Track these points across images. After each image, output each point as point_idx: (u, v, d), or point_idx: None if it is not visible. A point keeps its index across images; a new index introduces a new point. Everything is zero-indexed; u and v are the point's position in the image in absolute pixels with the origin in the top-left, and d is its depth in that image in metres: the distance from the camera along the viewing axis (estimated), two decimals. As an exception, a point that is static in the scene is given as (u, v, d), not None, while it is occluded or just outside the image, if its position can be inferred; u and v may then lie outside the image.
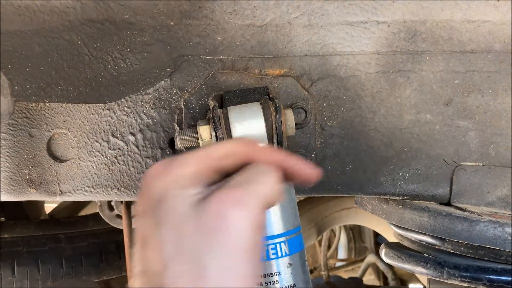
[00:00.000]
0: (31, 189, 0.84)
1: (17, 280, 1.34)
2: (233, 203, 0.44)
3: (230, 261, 0.43)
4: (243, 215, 0.44)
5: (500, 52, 0.78)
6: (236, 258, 0.43)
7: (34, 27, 0.73)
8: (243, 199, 0.45)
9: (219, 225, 0.43)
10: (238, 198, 0.45)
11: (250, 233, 0.44)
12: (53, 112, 0.82)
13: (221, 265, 0.42)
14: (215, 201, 0.45)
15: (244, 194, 0.46)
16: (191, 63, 0.78)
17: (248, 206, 0.45)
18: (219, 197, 0.45)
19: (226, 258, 0.43)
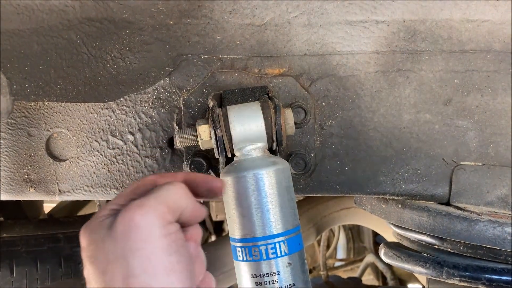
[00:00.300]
0: (30, 189, 0.84)
1: (15, 280, 1.34)
2: (136, 207, 0.52)
3: (147, 251, 0.50)
4: (146, 214, 0.52)
5: (499, 52, 0.78)
6: (152, 247, 0.51)
7: (33, 26, 0.73)
8: (145, 203, 0.53)
9: (129, 228, 0.51)
10: (140, 203, 0.53)
11: (157, 228, 0.52)
12: (52, 111, 0.82)
13: (141, 258, 0.50)
14: (122, 212, 0.53)
15: (146, 199, 0.54)
16: (190, 62, 0.78)
17: (150, 207, 0.52)
18: (125, 208, 0.53)
19: (144, 251, 0.50)
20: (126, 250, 0.50)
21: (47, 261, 1.38)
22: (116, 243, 0.51)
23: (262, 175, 0.64)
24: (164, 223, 0.53)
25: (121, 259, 0.50)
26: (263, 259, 0.64)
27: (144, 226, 0.51)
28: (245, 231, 0.65)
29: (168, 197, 0.55)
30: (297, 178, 0.80)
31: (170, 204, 0.55)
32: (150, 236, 0.51)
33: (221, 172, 0.69)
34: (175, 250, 0.52)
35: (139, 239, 0.51)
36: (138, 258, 0.50)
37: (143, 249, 0.50)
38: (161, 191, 0.56)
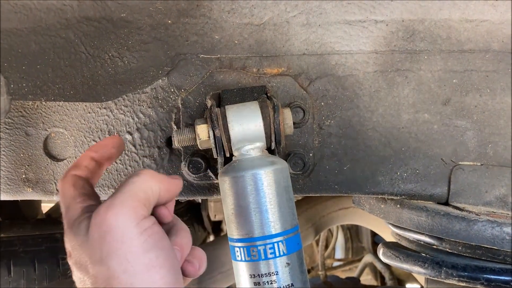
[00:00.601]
0: (28, 188, 0.83)
1: (13, 280, 1.34)
2: (105, 209, 0.52)
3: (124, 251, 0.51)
4: (117, 214, 0.52)
5: (498, 52, 0.78)
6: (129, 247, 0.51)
7: (31, 25, 0.72)
8: (114, 203, 0.53)
9: (103, 231, 0.51)
10: (109, 204, 0.53)
11: (131, 226, 0.52)
12: (49, 110, 0.82)
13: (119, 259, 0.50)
14: (93, 216, 0.53)
15: (114, 198, 0.53)
16: (188, 61, 0.78)
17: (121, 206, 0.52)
18: (96, 211, 0.53)
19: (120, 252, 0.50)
20: (104, 253, 0.51)
21: (45, 261, 1.38)
22: (94, 247, 0.52)
23: (260, 175, 0.64)
24: (137, 219, 0.53)
25: (100, 263, 0.51)
26: (262, 259, 0.64)
27: (117, 226, 0.51)
28: (244, 231, 0.65)
29: (136, 190, 0.55)
30: (295, 178, 0.80)
31: (139, 197, 0.54)
32: (124, 236, 0.51)
33: (220, 172, 0.69)
34: (152, 245, 0.52)
35: (114, 241, 0.51)
36: (116, 259, 0.51)
37: (120, 250, 0.51)
38: (128, 185, 0.55)
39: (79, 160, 0.66)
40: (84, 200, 0.60)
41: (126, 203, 0.53)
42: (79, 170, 0.64)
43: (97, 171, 0.67)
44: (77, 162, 0.66)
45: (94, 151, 0.67)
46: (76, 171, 0.64)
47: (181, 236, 0.62)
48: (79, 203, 0.59)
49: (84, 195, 0.61)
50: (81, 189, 0.61)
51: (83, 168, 0.65)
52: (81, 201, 0.59)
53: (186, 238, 0.62)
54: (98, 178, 0.68)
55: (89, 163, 0.66)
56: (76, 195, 0.60)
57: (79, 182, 0.63)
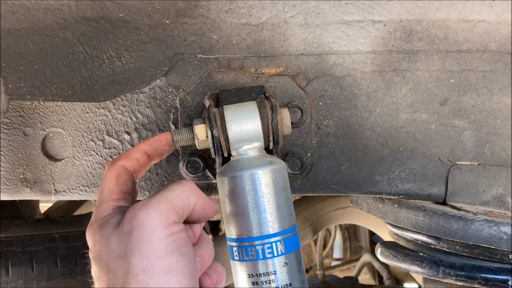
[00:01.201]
0: (26, 188, 0.83)
1: (11, 280, 1.34)
2: (140, 207, 0.54)
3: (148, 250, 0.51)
4: (149, 213, 0.53)
5: (495, 52, 0.79)
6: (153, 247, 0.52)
7: (29, 25, 0.72)
8: (150, 202, 0.54)
9: (132, 226, 0.53)
10: (145, 202, 0.55)
11: (159, 228, 0.53)
12: (47, 110, 0.82)
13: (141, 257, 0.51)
14: (128, 212, 0.55)
15: (150, 199, 0.55)
16: (186, 61, 0.78)
17: (154, 207, 0.54)
18: (131, 208, 0.55)
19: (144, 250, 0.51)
20: (128, 249, 0.52)
21: (43, 261, 1.38)
22: (120, 241, 0.53)
23: (258, 175, 0.64)
24: (167, 223, 0.54)
25: (123, 257, 0.52)
26: (260, 258, 0.64)
27: (147, 225, 0.53)
28: (242, 230, 0.65)
29: (174, 197, 0.57)
30: (293, 178, 0.80)
31: (175, 204, 0.56)
32: (151, 235, 0.52)
33: (218, 171, 0.69)
34: (175, 250, 0.53)
35: (140, 238, 0.52)
36: (138, 256, 0.51)
37: (144, 248, 0.52)
38: (167, 190, 0.57)
39: (131, 151, 0.66)
40: (118, 199, 0.61)
41: (160, 205, 0.54)
42: (128, 161, 0.65)
43: (145, 165, 0.68)
44: (129, 153, 0.66)
45: (149, 145, 0.68)
46: (125, 162, 0.64)
47: (204, 248, 0.63)
48: (112, 201, 0.60)
49: (121, 192, 0.62)
50: (122, 185, 0.62)
51: (133, 160, 0.65)
52: (115, 199, 0.60)
53: (209, 251, 0.64)
54: (143, 173, 0.69)
55: (140, 156, 0.66)
56: (114, 190, 0.61)
57: (123, 176, 0.63)
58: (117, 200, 0.61)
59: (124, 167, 0.64)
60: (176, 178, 0.81)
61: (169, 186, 0.58)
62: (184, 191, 0.58)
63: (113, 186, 0.62)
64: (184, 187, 0.59)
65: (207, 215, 0.62)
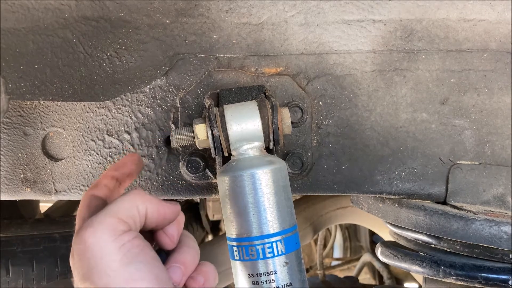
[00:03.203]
0: (26, 188, 0.83)
1: (11, 280, 1.34)
2: (86, 226, 0.54)
3: (104, 267, 0.51)
4: (95, 231, 0.53)
5: (496, 51, 0.79)
6: (107, 262, 0.51)
7: (29, 24, 0.72)
8: (94, 220, 0.54)
9: (82, 248, 0.53)
10: (89, 221, 0.55)
11: (108, 242, 0.53)
12: (47, 110, 0.82)
13: (100, 275, 0.51)
14: (75, 235, 0.55)
15: (96, 216, 0.55)
16: (187, 61, 0.78)
17: (98, 222, 0.54)
18: (78, 231, 0.55)
19: (100, 267, 0.51)
20: (85, 270, 0.52)
21: (43, 261, 1.38)
22: (78, 265, 0.53)
23: (258, 175, 0.64)
24: (115, 235, 0.53)
25: (84, 279, 0.52)
26: (260, 258, 0.64)
27: (95, 243, 0.52)
28: (242, 230, 0.65)
29: (119, 208, 0.56)
30: (294, 177, 0.80)
31: (121, 214, 0.56)
32: (102, 251, 0.52)
33: (218, 171, 0.69)
34: (132, 259, 0.53)
35: (93, 257, 0.52)
36: (97, 274, 0.51)
37: (100, 265, 0.52)
38: (113, 203, 0.57)
39: (99, 179, 0.68)
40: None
41: (104, 220, 0.54)
42: (97, 189, 0.66)
43: (117, 189, 0.68)
44: (97, 181, 0.67)
45: (115, 170, 0.69)
46: (94, 191, 0.65)
47: (185, 254, 0.62)
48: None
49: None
50: (93, 211, 0.62)
51: (102, 187, 0.66)
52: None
53: (190, 255, 0.63)
54: (116, 196, 0.68)
55: (109, 182, 0.67)
56: (86, 217, 0.61)
57: (94, 202, 0.64)
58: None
59: (94, 195, 0.65)
60: (176, 178, 0.81)
61: (116, 199, 0.58)
62: (130, 200, 0.57)
63: (85, 214, 0.62)
64: (130, 195, 0.58)
65: (165, 218, 0.61)
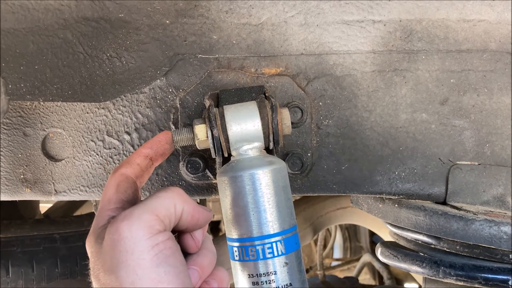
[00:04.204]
0: (26, 189, 0.83)
1: (11, 280, 1.34)
2: (122, 218, 0.53)
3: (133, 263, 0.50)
4: (131, 225, 0.52)
5: (495, 51, 0.79)
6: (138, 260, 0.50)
7: (29, 25, 0.72)
8: (132, 213, 0.53)
9: (115, 239, 0.51)
10: (127, 213, 0.53)
11: (143, 239, 0.51)
12: (47, 111, 0.82)
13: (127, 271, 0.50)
14: (110, 224, 0.53)
15: (134, 208, 0.54)
16: (186, 62, 0.78)
17: (136, 216, 0.52)
18: (113, 220, 0.54)
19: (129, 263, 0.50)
20: (114, 262, 0.51)
21: (43, 262, 1.38)
22: (107, 255, 0.52)
23: (258, 175, 0.64)
24: (151, 233, 0.52)
25: (110, 272, 0.51)
26: (260, 258, 0.64)
27: (130, 238, 0.51)
28: (242, 231, 0.65)
29: (158, 204, 0.55)
30: (293, 178, 0.80)
31: (159, 212, 0.54)
32: (135, 248, 0.51)
33: (218, 172, 0.69)
34: (163, 261, 0.52)
35: (124, 251, 0.51)
36: (125, 270, 0.50)
37: (129, 261, 0.50)
38: (152, 198, 0.55)
39: (132, 156, 0.65)
40: (116, 208, 0.59)
41: (143, 215, 0.53)
42: (130, 168, 0.63)
43: (148, 169, 0.66)
44: (129, 159, 0.65)
45: (149, 147, 0.66)
46: (127, 169, 0.63)
47: (204, 256, 0.61)
48: (109, 211, 0.59)
49: (120, 201, 0.60)
50: (121, 193, 0.60)
51: (135, 165, 0.64)
52: (113, 209, 0.59)
53: (208, 258, 0.62)
54: (147, 177, 0.67)
55: (142, 161, 0.65)
56: (112, 199, 0.60)
57: (123, 185, 0.62)
58: (114, 209, 0.59)
59: (126, 175, 0.63)
60: (176, 178, 0.81)
61: (155, 194, 0.56)
62: (170, 198, 0.56)
63: (112, 195, 0.60)
64: (170, 193, 0.56)
65: (197, 223, 0.60)
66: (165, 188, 0.58)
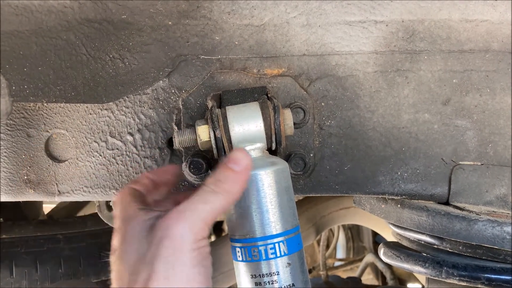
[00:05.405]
0: (29, 190, 0.84)
1: (15, 281, 1.34)
2: (176, 217, 0.56)
3: (174, 260, 0.53)
4: (183, 226, 0.55)
5: (498, 52, 0.79)
6: (179, 258, 0.54)
7: (32, 27, 0.73)
8: (184, 215, 0.56)
9: (164, 235, 0.55)
10: (180, 213, 0.56)
11: (189, 241, 0.55)
12: (51, 112, 0.82)
13: (166, 265, 0.53)
14: (162, 219, 0.57)
15: (185, 210, 0.57)
16: (189, 63, 0.78)
17: (188, 220, 0.56)
18: (166, 215, 0.57)
19: (170, 259, 0.53)
20: (155, 254, 0.54)
21: (46, 262, 1.38)
22: (150, 246, 0.55)
23: (261, 176, 0.64)
24: (197, 239, 0.56)
25: (149, 263, 0.54)
26: (263, 259, 0.64)
27: (177, 238, 0.55)
28: (245, 231, 0.65)
29: (209, 214, 0.58)
30: (296, 178, 0.80)
31: (209, 221, 0.58)
32: (181, 247, 0.54)
33: (221, 172, 0.69)
34: (199, 262, 0.55)
35: (171, 247, 0.54)
36: (164, 264, 0.53)
37: (171, 257, 0.54)
38: (204, 203, 0.58)
39: (139, 177, 0.71)
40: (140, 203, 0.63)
41: (195, 221, 0.56)
42: (137, 185, 0.68)
43: (153, 191, 0.70)
44: (137, 179, 0.70)
45: (154, 174, 0.71)
46: (134, 185, 0.67)
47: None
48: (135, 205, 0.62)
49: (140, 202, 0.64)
50: (138, 197, 0.64)
51: (141, 184, 0.68)
52: (137, 204, 0.62)
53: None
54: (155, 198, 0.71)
55: (146, 182, 0.69)
56: (132, 201, 0.63)
57: (136, 193, 0.66)
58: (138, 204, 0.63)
59: (134, 188, 0.67)
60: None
61: (205, 197, 0.58)
62: (221, 206, 0.59)
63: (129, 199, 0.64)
64: (222, 201, 0.59)
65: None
66: (216, 191, 0.59)
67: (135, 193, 0.66)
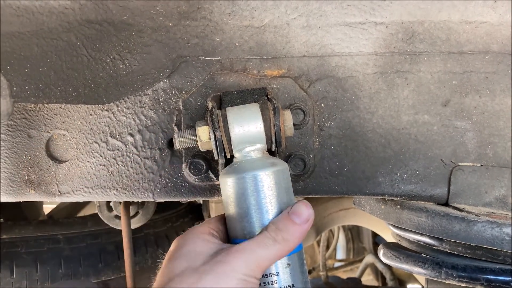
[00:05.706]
0: (30, 190, 0.84)
1: (15, 281, 1.34)
2: (235, 251, 0.60)
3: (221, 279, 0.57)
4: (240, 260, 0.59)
5: (497, 53, 0.79)
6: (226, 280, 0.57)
7: (33, 28, 0.73)
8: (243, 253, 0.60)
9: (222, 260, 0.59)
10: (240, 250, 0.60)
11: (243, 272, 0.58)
12: (52, 113, 0.82)
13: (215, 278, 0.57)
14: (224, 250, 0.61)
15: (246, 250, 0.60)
16: (189, 64, 0.78)
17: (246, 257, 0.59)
18: (228, 248, 0.61)
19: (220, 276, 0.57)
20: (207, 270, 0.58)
21: (47, 262, 1.38)
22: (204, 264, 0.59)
23: (261, 176, 0.65)
24: (248, 274, 0.59)
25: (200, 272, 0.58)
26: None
27: (232, 265, 0.58)
28: (245, 232, 0.65)
29: (266, 260, 0.61)
30: (296, 179, 0.81)
31: (264, 266, 0.61)
32: (231, 273, 0.58)
33: (221, 173, 0.70)
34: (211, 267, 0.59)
35: (222, 270, 0.58)
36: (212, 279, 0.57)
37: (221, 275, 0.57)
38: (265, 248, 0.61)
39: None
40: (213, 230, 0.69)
41: (251, 262, 0.59)
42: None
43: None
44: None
45: None
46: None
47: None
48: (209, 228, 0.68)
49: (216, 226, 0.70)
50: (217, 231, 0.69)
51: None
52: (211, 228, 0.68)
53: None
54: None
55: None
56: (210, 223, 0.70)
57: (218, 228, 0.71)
58: (212, 229, 0.68)
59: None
60: (179, 179, 0.82)
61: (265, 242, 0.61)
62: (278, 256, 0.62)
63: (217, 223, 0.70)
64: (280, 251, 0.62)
65: None
66: (275, 240, 0.62)
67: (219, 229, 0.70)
